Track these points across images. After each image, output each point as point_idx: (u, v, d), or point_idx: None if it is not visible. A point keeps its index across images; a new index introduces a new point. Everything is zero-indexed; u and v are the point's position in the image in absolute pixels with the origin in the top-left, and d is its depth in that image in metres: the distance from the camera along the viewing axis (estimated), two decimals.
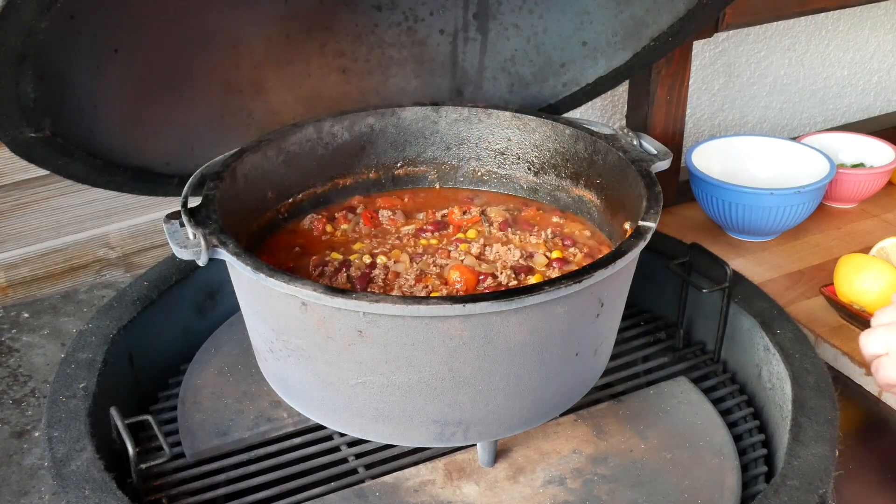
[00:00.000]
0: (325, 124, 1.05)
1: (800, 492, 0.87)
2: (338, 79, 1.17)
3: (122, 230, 1.68)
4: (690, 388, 1.07)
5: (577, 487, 0.94)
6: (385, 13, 1.15)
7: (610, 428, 1.02)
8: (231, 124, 1.11)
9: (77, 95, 0.94)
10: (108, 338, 1.05)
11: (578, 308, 0.82)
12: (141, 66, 0.99)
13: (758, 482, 0.98)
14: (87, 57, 0.93)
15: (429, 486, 0.94)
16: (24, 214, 1.58)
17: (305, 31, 1.12)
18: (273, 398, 1.05)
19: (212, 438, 1.01)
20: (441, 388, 0.81)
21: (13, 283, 1.64)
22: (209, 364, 1.11)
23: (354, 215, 1.05)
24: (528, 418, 0.88)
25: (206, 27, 1.03)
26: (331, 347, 0.80)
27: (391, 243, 1.00)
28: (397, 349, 0.78)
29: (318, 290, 0.76)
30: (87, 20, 0.90)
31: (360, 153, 1.08)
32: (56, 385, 0.99)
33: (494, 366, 0.81)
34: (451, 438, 0.86)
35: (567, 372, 0.87)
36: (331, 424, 0.89)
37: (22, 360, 1.51)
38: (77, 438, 0.93)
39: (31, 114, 0.88)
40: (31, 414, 1.41)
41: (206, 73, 1.06)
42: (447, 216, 1.04)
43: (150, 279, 1.14)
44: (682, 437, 1.00)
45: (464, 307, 0.75)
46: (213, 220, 0.85)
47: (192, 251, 0.82)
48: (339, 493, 0.94)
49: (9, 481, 1.26)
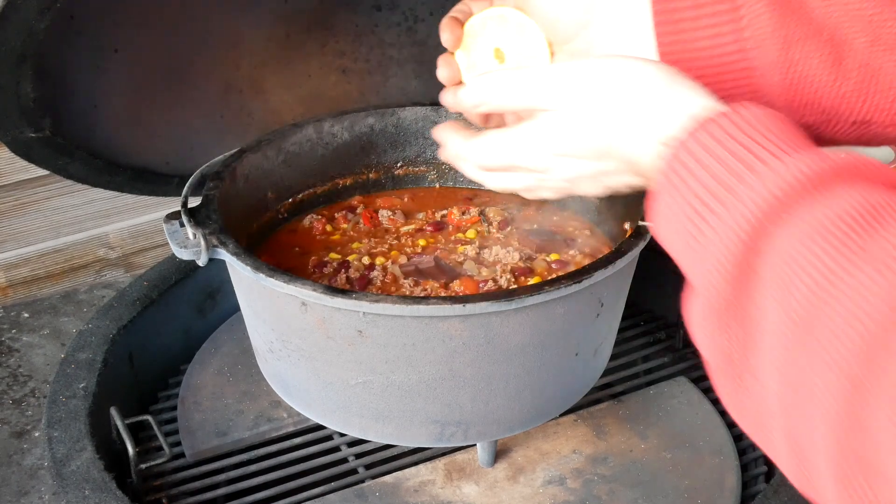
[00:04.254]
0: (325, 124, 1.05)
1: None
2: (338, 79, 1.17)
3: (122, 230, 1.68)
4: (690, 388, 1.07)
5: (577, 487, 0.94)
6: (385, 13, 1.15)
7: (610, 428, 1.02)
8: (231, 124, 1.11)
9: (77, 95, 0.94)
10: (108, 338, 1.05)
11: (578, 308, 0.82)
12: (141, 66, 0.99)
13: (758, 482, 0.98)
14: (87, 57, 0.94)
15: (429, 486, 0.95)
16: (24, 214, 1.59)
17: (305, 31, 1.12)
18: (273, 398, 1.05)
19: (212, 438, 1.01)
20: (441, 389, 0.81)
21: (13, 283, 1.64)
22: (209, 364, 1.11)
23: (354, 215, 1.05)
24: (528, 418, 0.88)
25: (206, 27, 1.03)
26: (331, 347, 0.80)
27: (390, 243, 1.00)
28: (397, 349, 0.79)
29: (318, 290, 0.76)
30: (87, 20, 0.90)
31: (360, 153, 1.08)
32: (56, 385, 0.99)
33: (494, 366, 0.81)
34: (451, 438, 0.86)
35: (567, 372, 0.87)
36: (331, 424, 0.89)
37: (22, 360, 1.51)
38: (77, 438, 0.93)
39: (31, 114, 0.88)
40: (31, 414, 1.41)
41: (206, 73, 1.06)
42: (446, 216, 1.04)
43: (150, 279, 1.14)
44: (682, 437, 1.00)
45: (463, 307, 0.75)
46: (213, 220, 0.85)
47: (192, 251, 0.82)
48: (339, 493, 0.94)
49: (9, 481, 1.27)
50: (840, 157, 0.51)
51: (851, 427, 0.42)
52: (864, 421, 0.42)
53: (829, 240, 0.47)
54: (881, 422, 0.41)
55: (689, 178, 0.55)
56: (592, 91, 0.63)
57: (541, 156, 0.67)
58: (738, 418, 0.54)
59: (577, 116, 0.64)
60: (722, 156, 0.54)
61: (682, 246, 0.56)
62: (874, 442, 0.41)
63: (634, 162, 0.62)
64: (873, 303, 0.43)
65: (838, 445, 0.43)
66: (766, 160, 0.53)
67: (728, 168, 0.53)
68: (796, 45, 0.67)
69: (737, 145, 0.54)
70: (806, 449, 0.47)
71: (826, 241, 0.47)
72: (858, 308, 0.44)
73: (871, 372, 0.42)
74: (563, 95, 0.64)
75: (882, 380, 0.41)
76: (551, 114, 0.65)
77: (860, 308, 0.44)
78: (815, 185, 0.50)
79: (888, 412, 0.41)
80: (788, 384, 0.47)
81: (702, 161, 0.55)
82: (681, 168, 0.56)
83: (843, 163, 0.51)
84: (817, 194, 0.49)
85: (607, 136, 0.63)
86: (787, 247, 0.49)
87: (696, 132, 0.56)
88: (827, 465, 0.44)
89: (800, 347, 0.46)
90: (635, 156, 0.62)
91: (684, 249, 0.56)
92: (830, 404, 0.43)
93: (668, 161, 0.57)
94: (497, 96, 0.68)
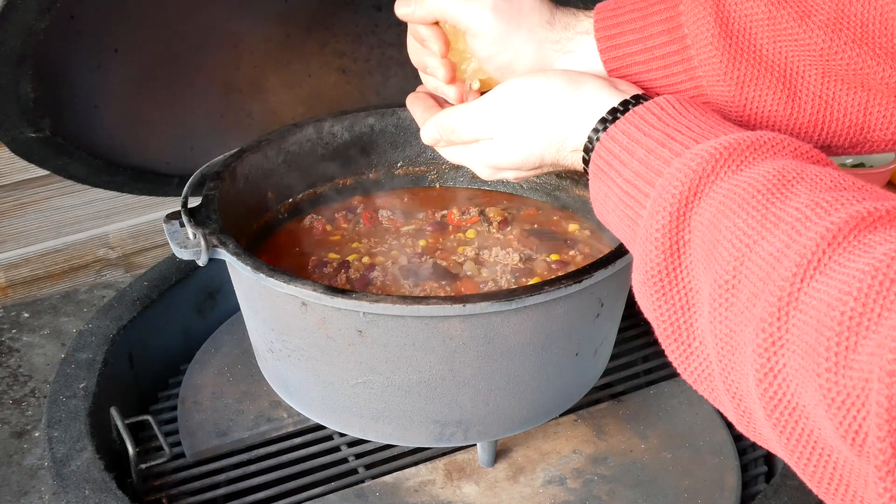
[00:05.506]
0: (325, 124, 1.05)
1: (800, 492, 0.87)
2: (338, 79, 1.17)
3: (122, 230, 1.68)
4: (690, 389, 1.06)
5: (577, 487, 0.94)
6: (385, 13, 1.15)
7: (610, 428, 1.02)
8: (231, 124, 1.11)
9: (77, 95, 0.94)
10: (108, 338, 1.05)
11: (578, 308, 0.82)
12: (141, 66, 0.99)
13: (758, 482, 0.98)
14: (87, 57, 0.94)
15: (429, 486, 0.95)
16: (24, 214, 1.58)
17: (305, 31, 1.12)
18: (273, 398, 1.05)
19: (212, 438, 1.01)
20: (441, 388, 0.81)
21: (13, 283, 1.64)
22: (209, 364, 1.11)
23: (354, 215, 1.05)
24: (528, 418, 0.88)
25: (206, 27, 1.03)
26: (331, 347, 0.80)
27: (390, 243, 1.00)
28: (397, 349, 0.78)
29: (318, 290, 0.76)
30: (87, 20, 0.90)
31: (360, 153, 1.08)
32: (56, 385, 0.99)
33: (494, 366, 0.81)
34: (451, 438, 0.86)
35: (567, 372, 0.87)
36: (331, 424, 0.89)
37: (22, 360, 1.51)
38: (77, 438, 0.93)
39: (31, 114, 0.88)
40: (31, 414, 1.41)
41: (206, 73, 1.06)
42: (446, 216, 1.04)
43: (150, 279, 1.14)
44: (682, 437, 1.00)
45: (464, 307, 0.75)
46: (213, 220, 0.85)
47: (192, 251, 0.82)
48: (339, 493, 0.94)
49: (9, 481, 1.26)
50: (754, 135, 0.56)
51: (772, 373, 0.47)
52: (781, 369, 0.47)
53: (744, 207, 0.52)
54: (793, 368, 0.46)
55: (617, 166, 0.62)
56: (513, 115, 0.70)
57: (487, 171, 0.76)
58: (688, 379, 0.59)
59: (509, 141, 0.71)
60: (645, 143, 0.60)
61: (618, 223, 0.63)
62: (790, 385, 0.46)
63: (564, 165, 0.70)
64: (785, 264, 0.47)
65: (765, 392, 0.48)
66: (685, 143, 0.58)
67: (652, 153, 0.59)
68: (749, 85, 0.70)
69: (657, 132, 0.60)
70: (744, 398, 0.52)
71: (742, 209, 0.52)
72: (773, 269, 0.48)
73: (782, 325, 0.47)
74: (493, 125, 0.72)
75: (792, 332, 0.46)
76: (489, 142, 0.73)
77: (774, 270, 0.48)
78: (729, 159, 0.55)
79: (798, 360, 0.45)
80: (722, 343, 0.52)
81: (627, 149, 0.61)
82: (608, 158, 0.63)
83: (756, 140, 0.56)
84: (734, 167, 0.54)
85: (536, 152, 0.70)
86: (708, 217, 0.54)
87: (618, 125, 0.63)
88: (760, 409, 0.49)
89: (727, 308, 0.51)
90: (563, 161, 0.70)
91: (620, 226, 0.63)
92: (754, 358, 0.48)
93: (594, 154, 0.64)
94: (446, 135, 0.76)
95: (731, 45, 0.68)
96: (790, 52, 0.68)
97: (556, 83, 0.69)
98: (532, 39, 0.74)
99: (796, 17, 0.66)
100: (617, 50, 0.72)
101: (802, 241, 0.47)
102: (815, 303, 0.45)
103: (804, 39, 0.67)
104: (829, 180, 0.51)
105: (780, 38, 0.68)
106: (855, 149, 0.72)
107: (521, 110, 0.70)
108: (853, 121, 0.70)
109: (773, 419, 0.48)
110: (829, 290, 0.44)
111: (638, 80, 0.73)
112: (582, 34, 0.74)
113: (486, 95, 0.73)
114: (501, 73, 0.76)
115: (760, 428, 0.52)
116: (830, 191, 0.50)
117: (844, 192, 0.49)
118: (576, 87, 0.68)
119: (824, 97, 0.69)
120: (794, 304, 0.46)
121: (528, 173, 0.74)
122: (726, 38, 0.68)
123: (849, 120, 0.70)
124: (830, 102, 0.69)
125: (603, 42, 0.73)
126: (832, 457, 0.46)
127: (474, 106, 0.73)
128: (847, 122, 0.70)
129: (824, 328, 0.44)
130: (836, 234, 0.46)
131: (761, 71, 0.69)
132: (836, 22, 0.66)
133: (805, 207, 0.49)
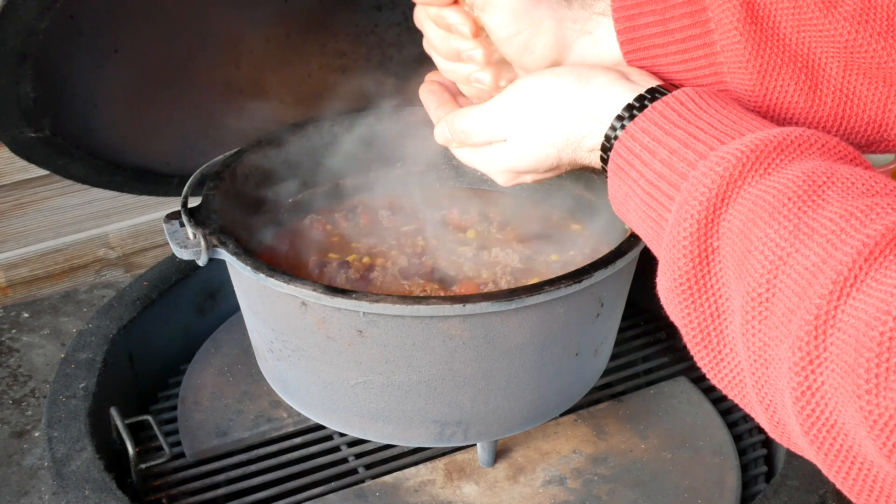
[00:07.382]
0: (325, 124, 1.05)
1: (800, 492, 0.87)
2: (338, 79, 1.17)
3: (122, 230, 1.68)
4: (690, 388, 1.07)
5: (577, 487, 0.94)
6: (385, 13, 1.15)
7: (610, 428, 1.02)
8: (231, 124, 1.11)
9: (77, 95, 0.94)
10: (108, 338, 1.05)
11: (578, 308, 0.82)
12: (141, 66, 0.99)
13: (758, 482, 0.98)
14: (87, 57, 0.93)
15: (429, 486, 0.95)
16: (24, 214, 1.59)
17: (305, 31, 1.12)
18: (273, 398, 1.05)
19: (212, 438, 1.01)
20: (441, 388, 0.81)
21: (13, 283, 1.64)
22: (209, 364, 1.11)
23: (354, 215, 1.05)
24: (528, 418, 0.88)
25: (206, 27, 1.03)
26: (331, 347, 0.80)
27: (390, 243, 1.00)
28: (397, 349, 0.79)
29: (318, 290, 0.76)
30: (87, 20, 0.90)
31: (360, 153, 1.08)
32: (56, 385, 0.99)
33: (494, 366, 0.81)
34: (451, 438, 0.86)
35: (567, 372, 0.87)
36: (331, 424, 0.89)
37: (22, 360, 1.51)
38: (77, 438, 0.93)
39: (31, 114, 0.88)
40: (31, 414, 1.41)
41: (206, 73, 1.06)
42: (447, 216, 1.04)
43: (150, 279, 1.14)
44: (682, 437, 1.00)
45: (464, 307, 0.75)
46: (213, 220, 0.85)
47: (192, 251, 0.82)
48: (339, 493, 0.94)
49: (9, 481, 1.27)
50: (780, 133, 0.55)
51: (810, 392, 0.47)
52: (819, 387, 0.46)
53: (775, 217, 0.50)
54: (832, 387, 0.45)
55: (639, 166, 0.60)
56: (525, 115, 0.69)
57: (505, 177, 0.75)
58: (718, 385, 0.58)
59: (523, 142, 0.70)
60: (667, 142, 0.59)
61: (640, 224, 0.61)
62: (829, 403, 0.46)
63: (581, 164, 0.69)
64: (821, 280, 0.47)
65: (802, 409, 0.47)
66: (708, 143, 0.57)
67: (675, 154, 0.58)
68: (772, 75, 0.68)
69: (679, 131, 0.59)
70: (778, 410, 0.51)
71: (773, 219, 0.50)
72: (809, 285, 0.47)
73: (819, 344, 0.46)
74: (506, 126, 0.71)
75: (830, 350, 0.45)
76: (503, 145, 0.72)
77: (810, 285, 0.47)
78: (756, 162, 0.53)
79: (837, 379, 0.45)
80: (755, 355, 0.51)
81: (648, 149, 0.60)
82: (628, 158, 0.61)
83: (783, 139, 0.54)
84: (762, 171, 0.53)
85: (553, 152, 0.69)
86: (738, 225, 0.52)
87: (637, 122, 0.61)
88: (797, 425, 0.48)
89: (760, 322, 0.50)
90: (580, 160, 0.69)
91: (643, 227, 0.61)
92: (791, 375, 0.47)
93: (613, 153, 0.63)
94: (458, 137, 0.75)
95: (757, 31, 0.66)
96: (814, 43, 0.66)
97: (565, 79, 0.67)
98: (552, 16, 0.71)
99: (822, 6, 0.64)
100: (635, 31, 0.70)
101: (839, 255, 0.46)
102: (854, 321, 0.44)
103: (829, 30, 0.65)
104: (861, 184, 0.50)
105: (804, 27, 0.66)
106: (871, 147, 0.70)
107: (533, 110, 0.69)
108: (871, 117, 0.69)
109: (810, 435, 0.48)
110: (868, 308, 0.44)
111: (655, 65, 0.70)
112: (599, 15, 0.72)
113: (497, 97, 0.72)
114: (520, 55, 0.73)
115: (795, 439, 0.51)
116: (863, 197, 0.49)
117: (878, 198, 0.49)
118: (586, 83, 0.66)
119: (845, 91, 0.67)
120: (832, 323, 0.46)
121: (545, 175, 0.73)
122: (752, 23, 0.66)
123: (867, 116, 0.68)
124: (851, 97, 0.68)
125: (621, 23, 0.70)
126: (872, 471, 0.46)
127: (486, 108, 0.72)
128: (866, 117, 0.69)
129: (863, 348, 0.43)
130: (873, 249, 0.45)
131: (784, 60, 0.67)
132: (862, 13, 0.64)
133: (839, 218, 0.48)
